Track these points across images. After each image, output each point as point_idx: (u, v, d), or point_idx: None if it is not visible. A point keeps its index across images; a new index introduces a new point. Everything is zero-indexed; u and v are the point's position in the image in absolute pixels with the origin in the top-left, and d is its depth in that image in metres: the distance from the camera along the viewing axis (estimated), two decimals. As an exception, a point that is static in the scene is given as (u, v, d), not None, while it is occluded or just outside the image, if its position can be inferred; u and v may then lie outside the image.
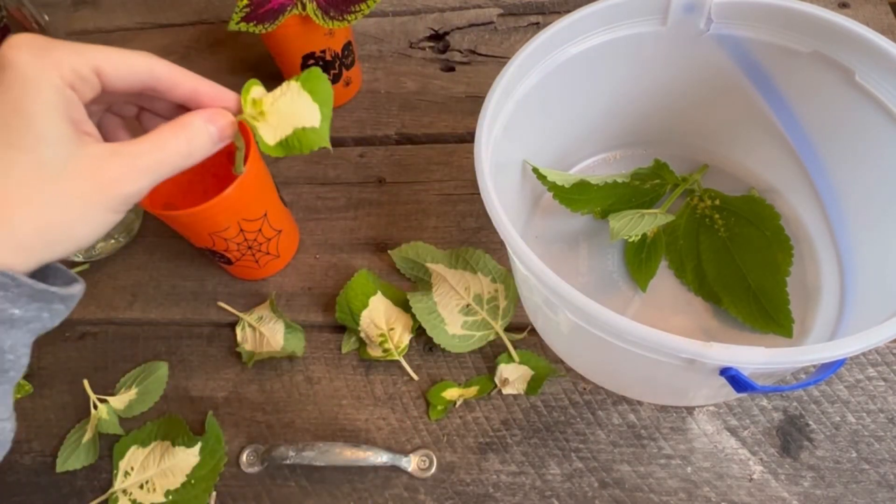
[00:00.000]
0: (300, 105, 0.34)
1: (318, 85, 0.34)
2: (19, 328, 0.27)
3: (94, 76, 0.28)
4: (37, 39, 0.27)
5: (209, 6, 0.73)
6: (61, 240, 0.27)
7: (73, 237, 0.28)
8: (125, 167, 0.28)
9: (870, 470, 0.41)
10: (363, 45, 0.65)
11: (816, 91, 0.41)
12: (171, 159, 0.29)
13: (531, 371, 0.45)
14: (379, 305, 0.49)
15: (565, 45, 0.41)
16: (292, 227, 0.53)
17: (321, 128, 0.34)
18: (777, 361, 0.27)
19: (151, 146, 0.29)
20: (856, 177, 0.42)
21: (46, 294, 0.27)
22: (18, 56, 0.26)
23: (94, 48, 0.28)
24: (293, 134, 0.33)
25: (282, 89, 0.34)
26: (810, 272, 0.46)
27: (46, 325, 0.28)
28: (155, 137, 0.29)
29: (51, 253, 0.27)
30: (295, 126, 0.34)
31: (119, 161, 0.28)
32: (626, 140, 0.52)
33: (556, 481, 0.42)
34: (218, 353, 0.50)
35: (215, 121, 0.31)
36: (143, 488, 0.45)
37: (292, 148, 0.34)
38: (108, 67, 0.28)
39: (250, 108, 0.33)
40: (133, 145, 0.28)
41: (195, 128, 0.30)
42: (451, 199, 0.55)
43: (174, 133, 0.29)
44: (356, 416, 0.46)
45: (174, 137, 0.29)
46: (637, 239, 0.48)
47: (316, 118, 0.34)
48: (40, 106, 0.26)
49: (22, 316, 0.26)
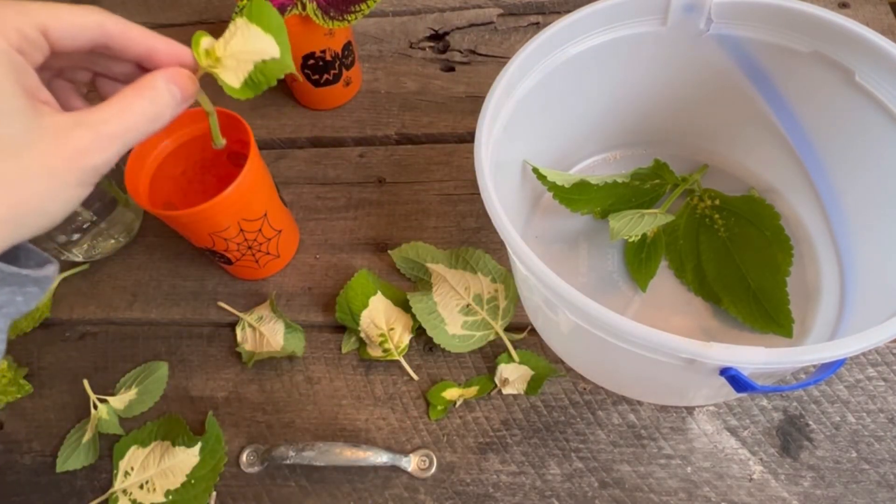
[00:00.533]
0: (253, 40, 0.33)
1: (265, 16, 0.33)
2: None
3: (42, 37, 0.26)
4: None
5: (209, 6, 0.73)
6: (31, 218, 0.26)
7: (44, 214, 0.26)
8: (92, 137, 0.26)
9: (870, 470, 0.41)
10: (363, 45, 0.66)
11: (816, 91, 0.41)
12: (138, 125, 0.27)
13: (531, 371, 0.45)
14: (379, 305, 0.49)
15: (565, 45, 0.41)
16: (292, 227, 0.53)
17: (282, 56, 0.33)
18: (777, 361, 0.27)
19: (116, 112, 0.27)
20: (856, 177, 0.42)
21: (19, 277, 0.26)
22: None
23: (38, 5, 0.26)
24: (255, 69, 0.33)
25: (230, 31, 0.33)
26: (810, 272, 0.46)
27: (21, 309, 0.26)
28: (118, 103, 0.27)
29: (21, 233, 0.25)
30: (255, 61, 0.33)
31: (84, 131, 0.26)
32: (626, 140, 0.52)
33: (556, 481, 0.42)
34: (218, 353, 0.50)
35: (176, 80, 0.29)
36: (143, 488, 0.45)
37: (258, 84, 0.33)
38: (56, 25, 0.26)
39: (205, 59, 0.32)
40: (96, 113, 0.26)
41: (158, 90, 0.28)
42: (451, 199, 0.55)
43: (137, 96, 0.28)
44: (356, 416, 0.46)
45: (138, 101, 0.27)
46: (637, 239, 0.48)
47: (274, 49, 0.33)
48: None
49: None
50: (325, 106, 0.62)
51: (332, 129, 0.61)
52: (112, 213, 0.54)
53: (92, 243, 0.54)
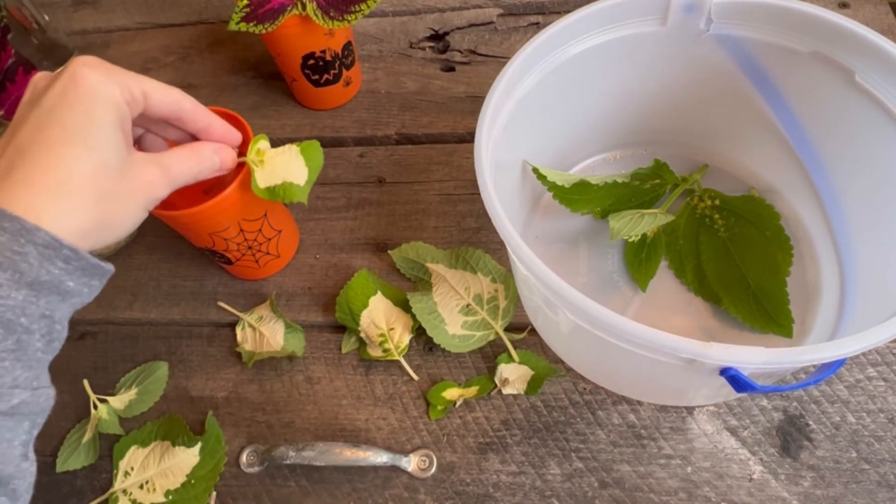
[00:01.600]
0: (294, 165, 0.42)
1: (313, 154, 0.43)
2: (67, 301, 0.30)
3: (142, 99, 0.33)
4: (99, 60, 0.32)
5: (209, 6, 0.73)
6: (109, 229, 0.32)
7: (118, 227, 0.33)
8: (160, 175, 0.34)
9: (870, 470, 0.41)
10: (363, 45, 0.66)
11: (816, 91, 0.41)
12: (185, 176, 0.36)
13: (531, 371, 0.45)
14: (379, 305, 0.49)
15: (565, 45, 0.41)
16: (292, 227, 0.53)
17: (304, 186, 0.42)
18: (777, 361, 0.27)
19: (175, 162, 0.35)
20: (856, 177, 0.42)
21: (97, 269, 0.31)
22: (90, 73, 0.31)
23: (145, 79, 0.34)
24: (281, 185, 0.41)
25: (283, 149, 0.42)
26: (810, 272, 0.46)
27: (84, 300, 0.32)
28: (177, 154, 0.36)
29: (100, 240, 0.32)
30: (284, 179, 0.42)
31: (156, 169, 0.34)
32: (626, 140, 0.52)
33: (556, 481, 0.42)
34: (218, 353, 0.50)
35: (220, 153, 0.38)
36: (143, 488, 0.45)
37: (277, 195, 0.42)
38: (154, 96, 0.34)
39: (254, 154, 0.41)
40: (163, 158, 0.35)
41: (205, 155, 0.37)
42: (451, 199, 0.55)
43: (191, 155, 0.37)
44: (356, 416, 0.46)
45: (191, 158, 0.36)
46: (637, 239, 0.48)
47: (303, 178, 0.42)
48: (107, 117, 0.31)
49: (72, 289, 0.30)
50: (325, 106, 0.62)
51: (332, 129, 0.61)
52: (112, 213, 0.54)
53: (92, 243, 0.54)
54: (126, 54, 0.70)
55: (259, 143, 0.41)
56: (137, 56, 0.69)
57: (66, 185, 0.30)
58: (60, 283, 0.29)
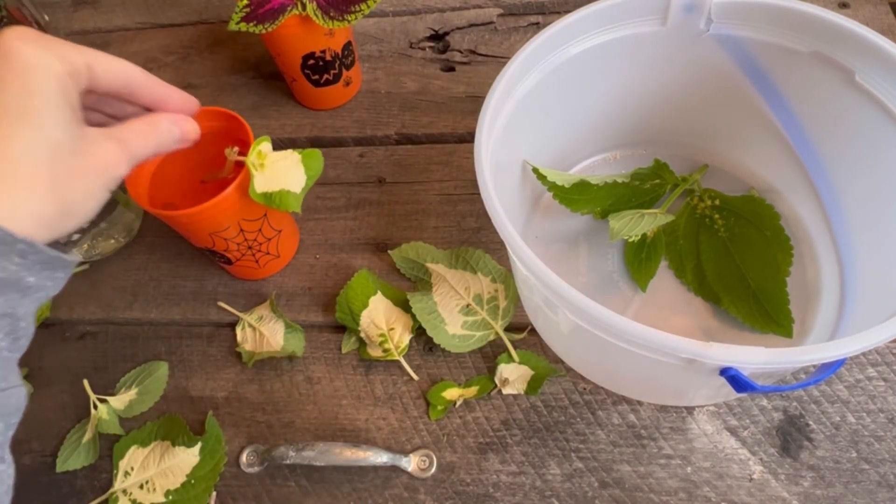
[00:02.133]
0: (294, 172, 0.41)
1: (314, 163, 0.42)
2: (29, 296, 0.28)
3: (86, 72, 0.30)
4: (34, 32, 0.29)
5: (209, 6, 0.73)
6: (69, 216, 0.29)
7: (79, 212, 0.30)
8: (117, 150, 0.31)
9: (870, 470, 0.41)
10: (363, 45, 0.66)
11: (816, 91, 0.41)
12: (144, 150, 0.33)
13: (531, 371, 0.45)
14: (379, 305, 0.49)
15: (565, 45, 0.41)
16: (292, 227, 0.53)
17: (299, 194, 0.41)
18: (777, 361, 0.27)
19: (133, 134, 0.32)
20: (856, 176, 0.42)
21: (58, 261, 0.29)
22: (24, 46, 0.28)
23: (87, 49, 0.30)
24: (278, 192, 0.41)
25: (286, 154, 0.42)
26: (810, 272, 0.46)
27: (49, 294, 0.29)
28: (134, 127, 0.32)
29: (63, 227, 0.29)
30: (282, 187, 0.41)
31: (112, 145, 0.31)
32: (626, 140, 0.52)
33: (556, 481, 0.42)
34: (218, 353, 0.50)
35: (180, 124, 0.35)
36: (143, 488, 0.45)
37: (272, 202, 0.41)
38: (98, 66, 0.31)
39: (255, 157, 0.40)
40: (119, 132, 0.32)
41: (163, 127, 0.34)
42: (451, 199, 0.55)
43: (148, 127, 0.33)
44: (356, 416, 0.46)
45: (149, 130, 0.33)
46: (637, 239, 0.47)
47: (299, 187, 0.42)
48: (50, 91, 0.28)
49: (34, 283, 0.28)
50: (325, 106, 0.62)
51: (332, 128, 0.61)
52: (112, 213, 0.54)
53: (92, 243, 0.54)
54: (126, 54, 0.69)
55: (261, 146, 0.41)
56: (137, 56, 0.69)
57: (14, 170, 0.27)
58: (19, 279, 0.27)
